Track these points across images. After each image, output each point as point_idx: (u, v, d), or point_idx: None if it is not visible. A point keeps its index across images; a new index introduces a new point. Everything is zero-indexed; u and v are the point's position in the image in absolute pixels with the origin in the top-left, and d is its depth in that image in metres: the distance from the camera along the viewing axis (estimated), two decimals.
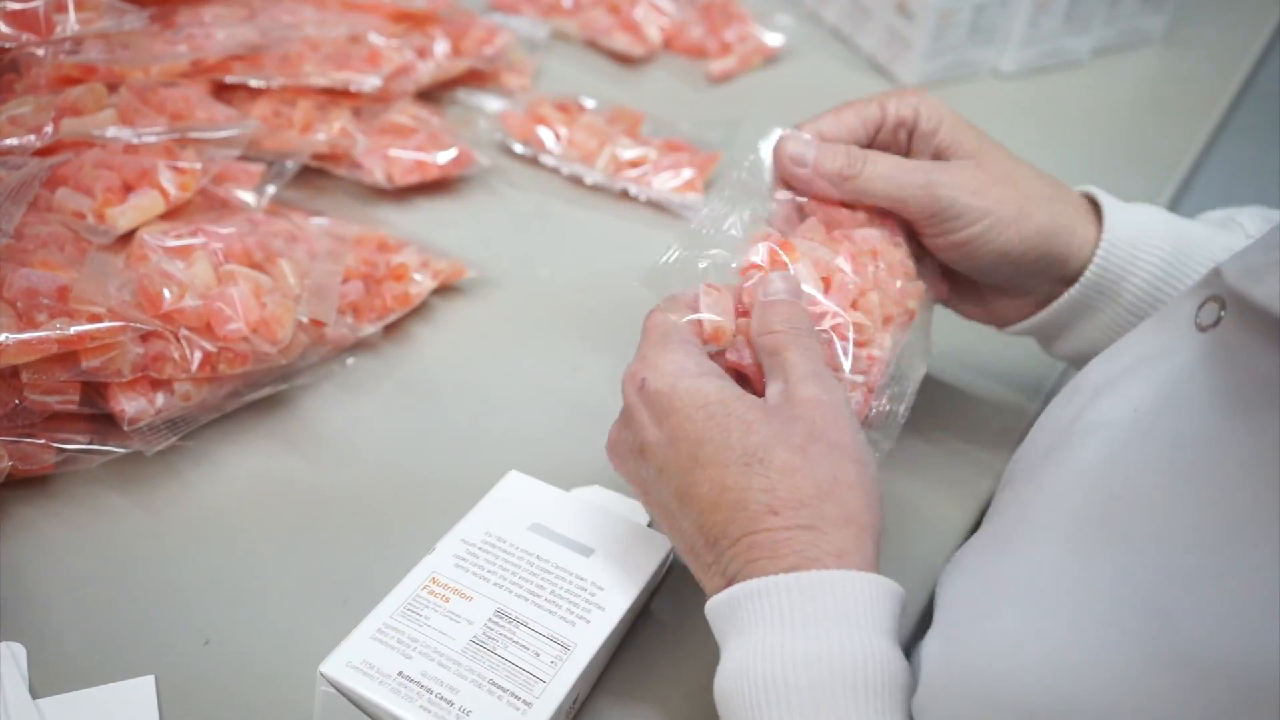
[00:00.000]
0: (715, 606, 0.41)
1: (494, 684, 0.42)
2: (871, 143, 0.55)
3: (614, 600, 0.46)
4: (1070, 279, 0.54)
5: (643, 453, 0.44)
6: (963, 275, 0.56)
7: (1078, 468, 0.39)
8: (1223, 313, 0.38)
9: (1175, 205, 0.84)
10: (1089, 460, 0.39)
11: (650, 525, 0.51)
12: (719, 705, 0.41)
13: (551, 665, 0.43)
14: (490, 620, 0.44)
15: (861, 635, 0.39)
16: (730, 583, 0.41)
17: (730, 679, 0.40)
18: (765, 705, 0.38)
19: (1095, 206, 0.55)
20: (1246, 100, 1.00)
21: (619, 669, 0.48)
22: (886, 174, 0.52)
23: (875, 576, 0.40)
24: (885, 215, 0.54)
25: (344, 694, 0.42)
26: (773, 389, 0.44)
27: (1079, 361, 0.56)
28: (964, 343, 0.66)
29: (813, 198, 0.54)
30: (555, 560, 0.47)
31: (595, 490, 0.54)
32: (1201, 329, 0.39)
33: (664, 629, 0.50)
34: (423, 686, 0.42)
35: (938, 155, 0.54)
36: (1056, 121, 0.91)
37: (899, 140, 0.55)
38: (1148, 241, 0.53)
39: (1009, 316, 0.57)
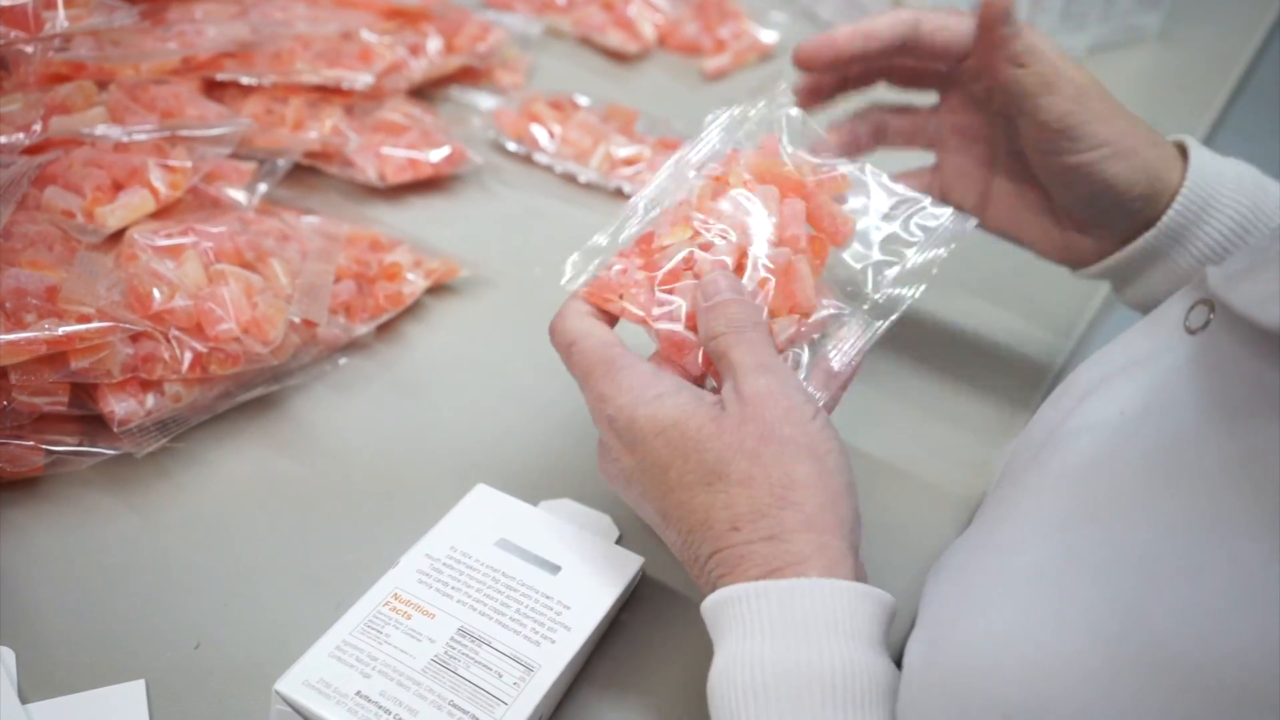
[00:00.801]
0: (704, 610, 0.43)
1: (454, 705, 0.41)
2: (920, 47, 0.56)
3: (581, 620, 0.45)
4: (1153, 222, 0.55)
5: (625, 479, 0.45)
6: (1054, 206, 0.57)
7: (1062, 469, 0.39)
8: (1211, 316, 0.38)
9: None
10: (1074, 462, 0.39)
11: (619, 542, 0.51)
12: (710, 704, 0.41)
13: (514, 686, 0.42)
14: (452, 639, 0.44)
15: (833, 643, 0.39)
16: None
17: (716, 681, 0.40)
18: (744, 713, 0.39)
19: (1185, 155, 0.56)
20: (1242, 98, 1.00)
21: (584, 687, 0.47)
22: (1048, 66, 0.53)
23: (841, 583, 0.40)
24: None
25: (300, 713, 0.41)
26: (725, 391, 0.44)
27: (1149, 309, 0.55)
28: (959, 339, 0.66)
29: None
30: (521, 577, 0.46)
31: (565, 503, 0.53)
32: (1191, 332, 0.39)
33: (633, 641, 0.49)
34: (380, 707, 0.41)
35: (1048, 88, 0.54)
36: None
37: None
38: (1227, 192, 0.54)
39: (1085, 256, 0.58)
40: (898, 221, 0.52)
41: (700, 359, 0.46)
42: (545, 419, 0.59)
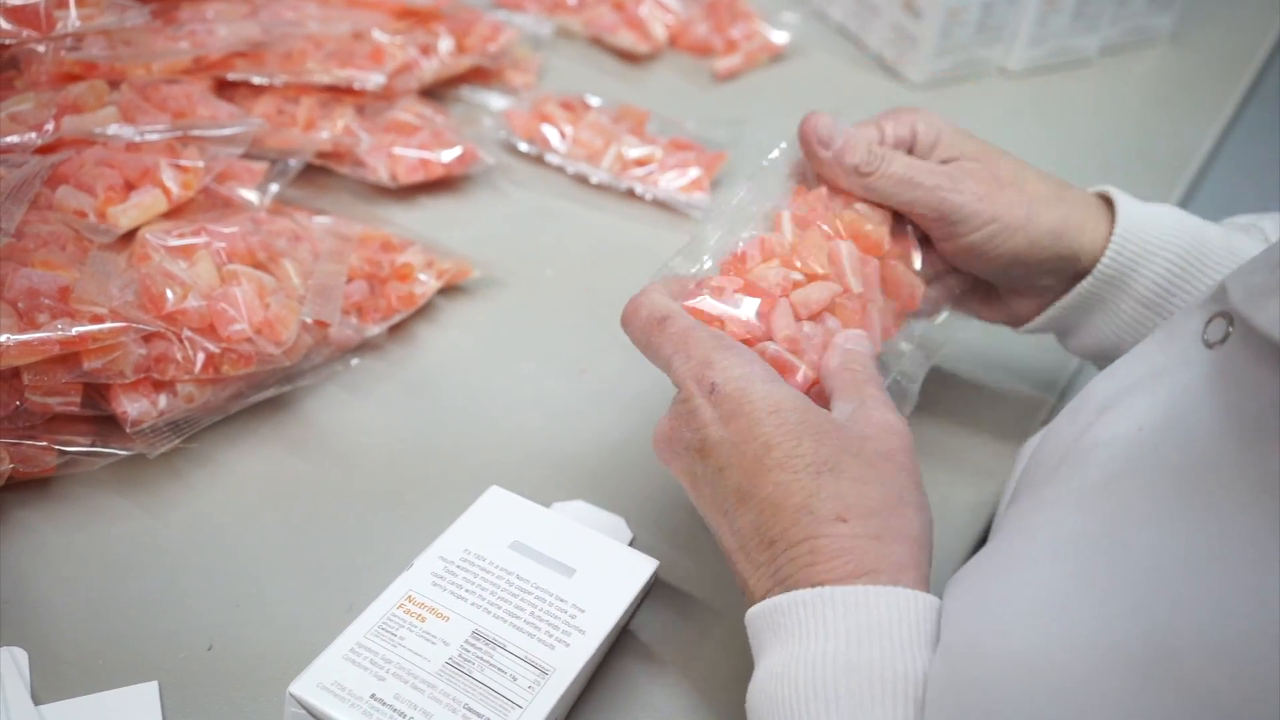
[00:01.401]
0: (760, 613, 0.41)
1: (469, 709, 0.41)
2: None
3: (595, 623, 0.45)
4: (1083, 275, 0.54)
5: (703, 451, 0.44)
6: (978, 278, 0.56)
7: (1080, 485, 0.38)
8: (1230, 329, 0.37)
9: (1183, 205, 0.83)
10: (1092, 477, 0.38)
11: (632, 544, 0.51)
12: (751, 713, 0.40)
13: (529, 690, 0.42)
14: (467, 641, 0.43)
15: (908, 651, 0.39)
16: (781, 584, 0.41)
17: (770, 684, 0.39)
18: (804, 711, 0.38)
19: (1110, 205, 0.55)
20: (1254, 100, 1.00)
21: (598, 692, 0.47)
22: (900, 175, 0.52)
23: (928, 596, 0.40)
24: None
25: (314, 716, 0.41)
26: (844, 408, 0.45)
27: (1098, 358, 0.57)
28: (973, 349, 0.66)
29: (827, 187, 0.54)
30: (535, 580, 0.46)
31: (578, 505, 0.53)
32: (1209, 345, 0.38)
33: (646, 650, 0.49)
34: (395, 710, 0.41)
35: (947, 160, 0.54)
36: (1064, 120, 0.90)
37: None
38: (1161, 238, 0.54)
39: (1024, 314, 0.57)
40: None
41: (801, 379, 0.47)
42: (557, 420, 0.59)
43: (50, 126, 0.59)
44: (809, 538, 0.41)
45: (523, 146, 0.77)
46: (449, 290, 0.66)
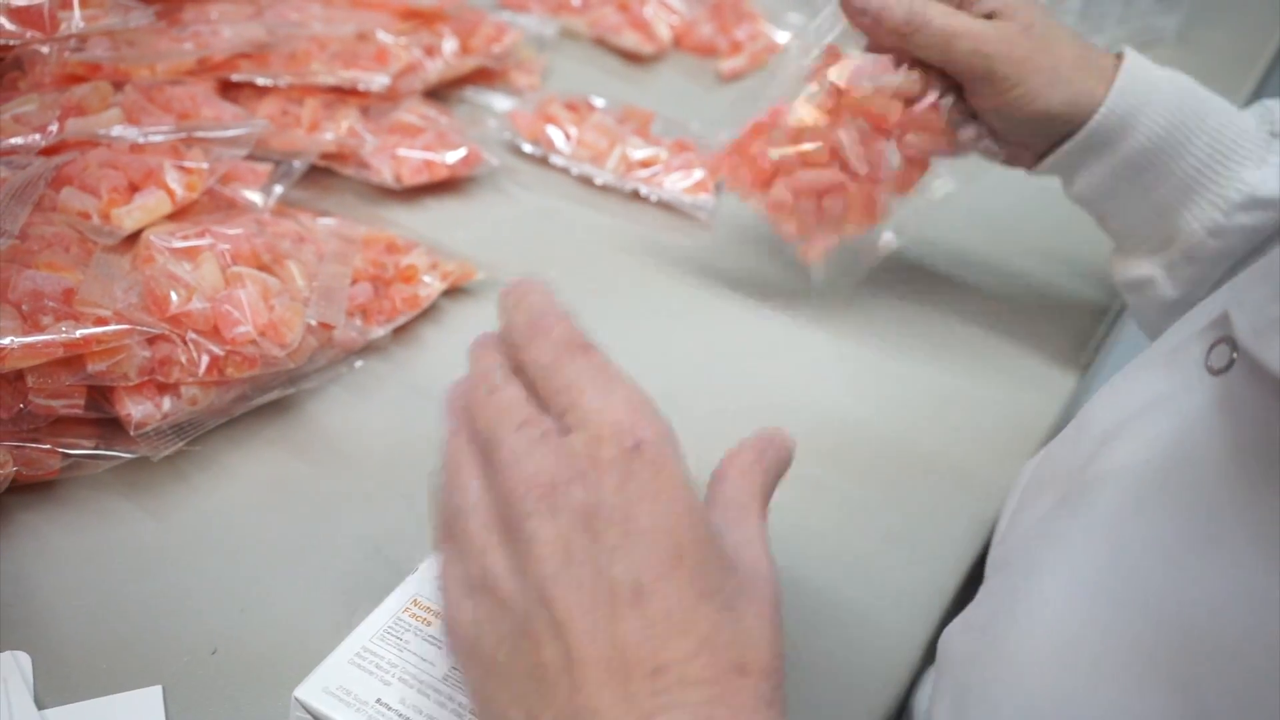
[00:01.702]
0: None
1: (476, 713, 0.40)
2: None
3: None
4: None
5: (594, 519, 0.32)
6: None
7: (1090, 522, 0.38)
8: (1235, 355, 0.36)
9: None
10: (1102, 514, 0.37)
11: None
12: None
13: None
14: None
15: None
16: None
17: None
18: None
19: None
20: (1261, 100, 0.99)
21: None
22: (939, 30, 0.57)
23: None
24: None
25: None
26: (723, 531, 0.36)
27: (1092, 207, 0.62)
28: (975, 360, 0.65)
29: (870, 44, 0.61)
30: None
31: None
32: (1213, 372, 0.37)
33: None
34: (401, 715, 0.40)
35: (988, 15, 0.59)
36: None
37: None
38: (1156, 101, 0.58)
39: (1026, 163, 0.63)
40: None
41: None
42: None
43: (54, 128, 0.59)
44: (710, 681, 0.31)
45: (527, 148, 0.77)
46: (453, 292, 0.65)
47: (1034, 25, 0.58)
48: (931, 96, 0.60)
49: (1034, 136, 0.60)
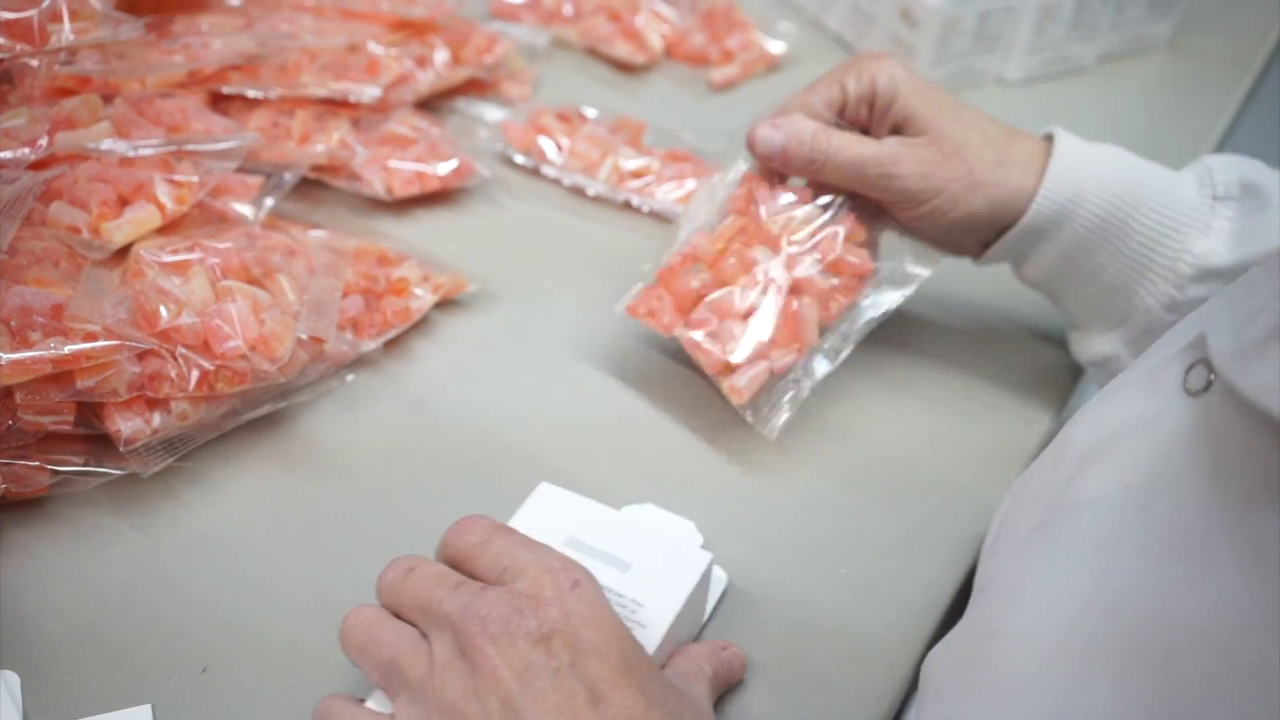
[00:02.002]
0: None
1: None
2: (841, 116, 0.60)
3: (655, 617, 0.45)
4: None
5: (551, 641, 0.38)
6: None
7: (1071, 547, 0.37)
8: (1212, 378, 0.36)
9: None
10: (1082, 539, 0.37)
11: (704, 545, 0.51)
12: None
13: None
14: None
15: None
16: None
17: None
18: None
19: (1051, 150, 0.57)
20: (1252, 106, 1.00)
21: None
22: (846, 163, 0.57)
23: None
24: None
25: None
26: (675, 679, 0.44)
27: (1047, 290, 0.61)
28: (961, 374, 0.65)
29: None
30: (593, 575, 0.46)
31: (647, 508, 0.53)
32: (1191, 394, 0.37)
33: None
34: None
35: (896, 128, 0.58)
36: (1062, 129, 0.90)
37: (862, 115, 0.59)
38: (1088, 187, 0.56)
39: (972, 252, 0.62)
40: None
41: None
42: (555, 434, 0.59)
43: (43, 142, 0.59)
44: None
45: (519, 159, 0.77)
46: (445, 305, 0.65)
47: (944, 136, 0.56)
48: (845, 225, 0.59)
49: (967, 236, 0.59)
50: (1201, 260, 0.55)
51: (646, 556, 0.47)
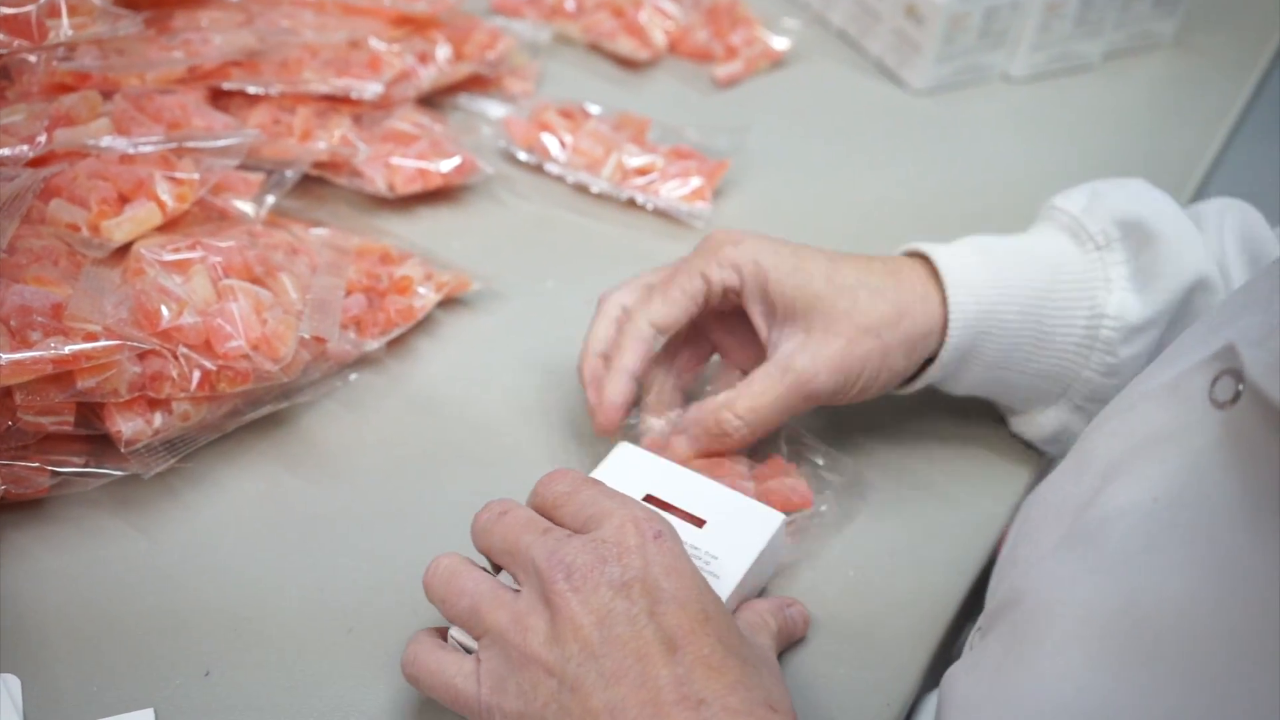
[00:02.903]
0: None
1: None
2: (706, 310, 0.56)
3: (729, 568, 0.47)
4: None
5: (630, 588, 0.40)
6: None
7: (1097, 564, 0.37)
8: (1240, 388, 0.35)
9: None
10: (1109, 557, 0.36)
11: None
12: None
13: None
14: None
15: None
16: None
17: None
18: None
19: (933, 270, 0.55)
20: (1259, 103, 0.99)
21: None
22: (758, 410, 0.53)
23: None
24: None
25: None
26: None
27: (984, 393, 0.58)
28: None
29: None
30: None
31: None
32: (1218, 405, 0.36)
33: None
34: None
35: (771, 313, 0.54)
36: (1067, 126, 0.89)
37: (730, 303, 0.56)
38: (993, 300, 0.54)
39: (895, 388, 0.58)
40: None
41: None
42: (558, 433, 0.58)
43: (42, 139, 0.58)
44: (747, 712, 0.38)
45: (522, 155, 0.76)
46: (448, 303, 0.65)
47: (834, 314, 0.53)
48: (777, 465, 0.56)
49: (887, 388, 0.56)
50: (1121, 320, 0.54)
51: (721, 513, 0.49)
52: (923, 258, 0.56)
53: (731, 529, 0.49)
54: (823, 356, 0.52)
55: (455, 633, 0.43)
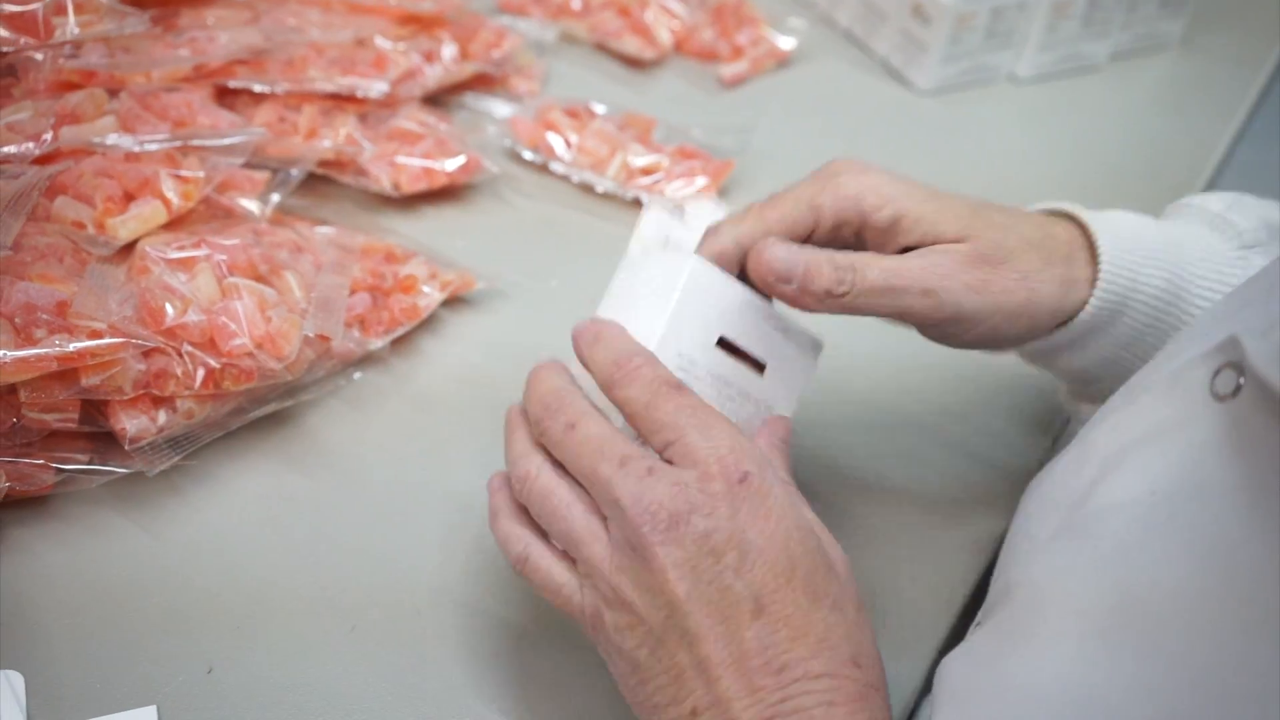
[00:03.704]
0: None
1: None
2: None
3: (777, 411, 0.49)
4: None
5: (715, 543, 0.39)
6: None
7: (1094, 556, 0.36)
8: (1242, 380, 0.35)
9: None
10: (1106, 548, 0.36)
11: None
12: None
13: None
14: None
15: None
16: (786, 716, 0.38)
17: None
18: None
19: (1083, 229, 0.50)
20: (1266, 104, 0.99)
21: None
22: (878, 285, 0.46)
23: None
24: None
25: None
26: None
27: (1083, 378, 0.53)
28: (957, 393, 0.65)
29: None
30: (740, 385, 0.48)
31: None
32: (1219, 398, 0.35)
33: None
34: None
35: (911, 247, 0.47)
36: (1074, 127, 0.89)
37: (843, 239, 0.48)
38: (1144, 269, 0.49)
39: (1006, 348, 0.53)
40: None
41: None
42: None
43: (48, 136, 0.58)
44: (829, 674, 0.38)
45: (527, 155, 0.76)
46: (453, 302, 0.65)
47: (983, 234, 0.47)
48: None
49: (1004, 345, 0.51)
50: None
51: (777, 356, 0.49)
52: (1072, 220, 0.51)
53: (785, 371, 0.49)
54: (960, 271, 0.46)
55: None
